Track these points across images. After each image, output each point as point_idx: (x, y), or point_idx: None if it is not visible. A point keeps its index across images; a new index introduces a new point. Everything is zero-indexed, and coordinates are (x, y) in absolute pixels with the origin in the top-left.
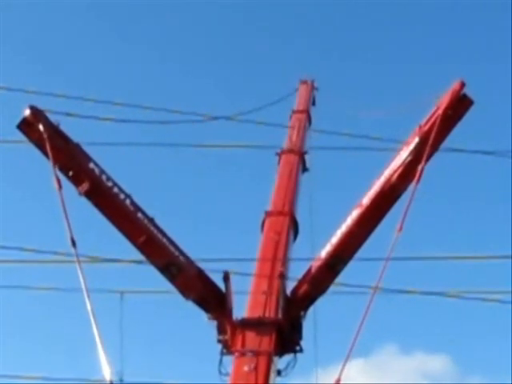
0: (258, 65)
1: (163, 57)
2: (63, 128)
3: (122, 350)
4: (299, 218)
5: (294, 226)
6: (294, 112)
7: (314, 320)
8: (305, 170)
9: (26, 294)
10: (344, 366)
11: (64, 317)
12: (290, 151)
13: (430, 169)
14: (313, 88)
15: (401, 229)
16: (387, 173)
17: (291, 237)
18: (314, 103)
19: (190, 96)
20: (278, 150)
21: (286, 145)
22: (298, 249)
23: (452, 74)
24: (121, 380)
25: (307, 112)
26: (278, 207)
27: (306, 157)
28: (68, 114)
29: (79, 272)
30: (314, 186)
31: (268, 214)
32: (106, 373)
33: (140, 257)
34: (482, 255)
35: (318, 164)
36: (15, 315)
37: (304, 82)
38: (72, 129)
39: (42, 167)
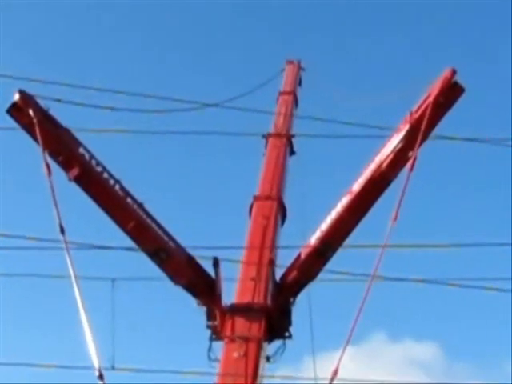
0: (245, 48)
1: (150, 43)
2: (52, 113)
3: (114, 336)
4: (287, 203)
5: (282, 211)
6: (280, 93)
7: (310, 307)
8: (292, 153)
9: (16, 281)
10: (342, 355)
11: (56, 304)
12: (277, 135)
13: (421, 156)
14: (299, 68)
15: (395, 219)
16: (378, 160)
17: (279, 221)
18: (300, 83)
19: (177, 82)
20: (265, 133)
21: (272, 128)
22: (285, 234)
23: (443, 61)
24: (112, 366)
25: (294, 93)
26: (265, 191)
27: (293, 140)
28: (57, 100)
29: (67, 259)
30: (302, 171)
31: (256, 198)
32: (95, 359)
33: (131, 244)
34: (471, 242)
35: (306, 149)
36: (4, 302)
37: (290, 62)
38: (61, 115)
39: (32, 153)
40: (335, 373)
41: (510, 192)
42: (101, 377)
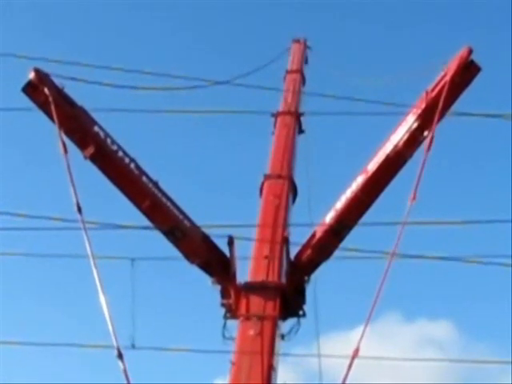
0: (251, 26)
1: (160, 22)
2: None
3: (134, 315)
4: (297, 181)
5: (293, 189)
6: (287, 72)
7: (315, 287)
8: (301, 131)
9: (36, 261)
10: (363, 334)
11: (77, 284)
12: (286, 113)
13: (437, 133)
14: (305, 47)
15: (414, 198)
16: (393, 139)
17: (290, 200)
18: (306, 62)
19: (184, 60)
20: (274, 112)
21: (281, 106)
22: (296, 212)
23: (455, 40)
24: (132, 344)
25: (301, 72)
26: (276, 170)
27: (302, 119)
28: (71, 79)
29: (85, 238)
30: (310, 149)
31: (267, 177)
32: (114, 338)
33: (149, 223)
34: (488, 219)
35: (315, 127)
36: (24, 282)
37: (296, 41)
38: (74, 94)
39: (48, 132)
40: (356, 352)
41: None
42: (120, 356)
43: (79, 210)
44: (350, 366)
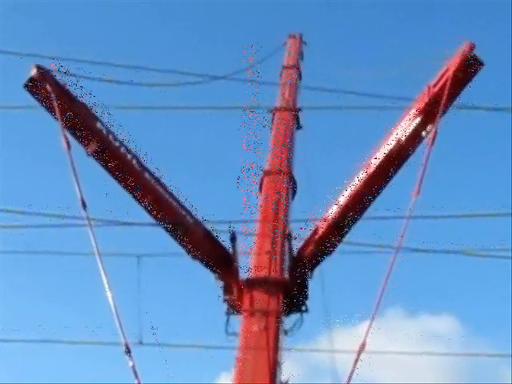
0: (248, 19)
1: (158, 18)
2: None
3: (141, 312)
4: (296, 176)
5: (293, 185)
6: (284, 68)
7: (323, 283)
8: (299, 127)
9: (42, 258)
10: (369, 328)
11: (83, 281)
12: (284, 109)
13: (441, 127)
14: (301, 42)
15: (418, 193)
16: (396, 134)
17: (290, 195)
18: (302, 57)
19: (183, 56)
20: (272, 108)
21: (279, 102)
22: (296, 207)
23: (453, 32)
24: (140, 341)
25: (297, 67)
26: (275, 166)
27: (300, 114)
28: (72, 75)
29: (90, 234)
30: (308, 144)
31: (266, 173)
32: (121, 335)
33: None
34: (490, 213)
35: (312, 122)
36: (33, 281)
37: (292, 37)
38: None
39: (51, 129)
40: (363, 347)
41: None
42: (128, 351)
43: (84, 206)
44: (356, 360)
